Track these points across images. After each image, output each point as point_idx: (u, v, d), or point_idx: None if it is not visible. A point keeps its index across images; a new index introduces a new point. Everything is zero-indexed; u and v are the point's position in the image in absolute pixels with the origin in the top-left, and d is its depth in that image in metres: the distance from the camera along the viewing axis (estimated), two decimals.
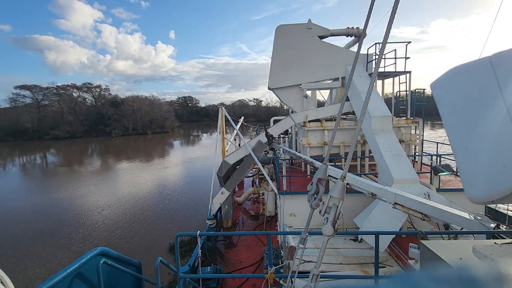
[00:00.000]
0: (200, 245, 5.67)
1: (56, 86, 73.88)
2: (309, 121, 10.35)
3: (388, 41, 1.54)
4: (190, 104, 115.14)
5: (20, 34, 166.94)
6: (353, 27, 10.69)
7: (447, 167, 7.59)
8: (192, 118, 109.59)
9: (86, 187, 22.16)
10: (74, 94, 76.39)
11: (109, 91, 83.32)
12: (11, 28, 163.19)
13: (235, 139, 14.62)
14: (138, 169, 29.21)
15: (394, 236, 6.30)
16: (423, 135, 10.61)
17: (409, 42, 9.96)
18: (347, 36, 10.96)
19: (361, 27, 8.60)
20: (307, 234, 2.24)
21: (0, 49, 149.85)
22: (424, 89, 10.67)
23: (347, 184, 4.96)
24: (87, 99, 78.96)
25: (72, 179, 25.41)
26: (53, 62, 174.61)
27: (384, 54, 8.20)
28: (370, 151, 8.78)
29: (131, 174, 26.85)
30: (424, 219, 4.16)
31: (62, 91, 73.97)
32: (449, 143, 1.36)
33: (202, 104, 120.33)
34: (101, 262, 3.33)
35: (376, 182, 6.78)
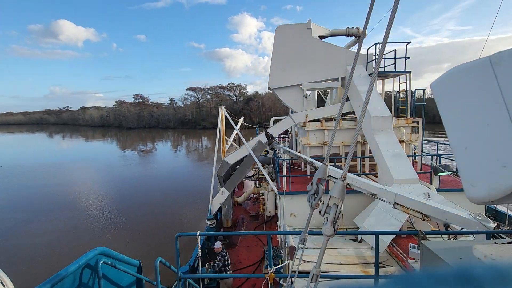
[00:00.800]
0: (200, 245, 5.67)
1: (209, 87, 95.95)
2: (309, 121, 10.34)
3: (388, 41, 1.54)
4: (322, 98, 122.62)
5: (209, 49, 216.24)
6: (353, 27, 10.70)
7: (447, 167, 7.59)
8: None
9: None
10: (221, 93, 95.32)
11: (246, 89, 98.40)
12: (204, 45, 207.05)
13: (234, 140, 14.61)
14: None
15: (394, 236, 6.30)
16: (423, 135, 10.61)
17: (409, 42, 10.00)
18: (347, 36, 10.96)
19: (361, 27, 8.59)
20: (307, 234, 2.24)
21: (198, 62, 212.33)
22: (424, 89, 10.67)
23: (347, 184, 4.96)
24: (231, 97, 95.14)
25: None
26: (229, 67, 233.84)
27: (384, 54, 8.19)
28: (370, 151, 8.78)
29: None
30: (424, 219, 4.15)
31: (213, 91, 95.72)
32: (449, 143, 1.36)
33: None
34: (101, 262, 3.33)
35: (376, 182, 6.78)
